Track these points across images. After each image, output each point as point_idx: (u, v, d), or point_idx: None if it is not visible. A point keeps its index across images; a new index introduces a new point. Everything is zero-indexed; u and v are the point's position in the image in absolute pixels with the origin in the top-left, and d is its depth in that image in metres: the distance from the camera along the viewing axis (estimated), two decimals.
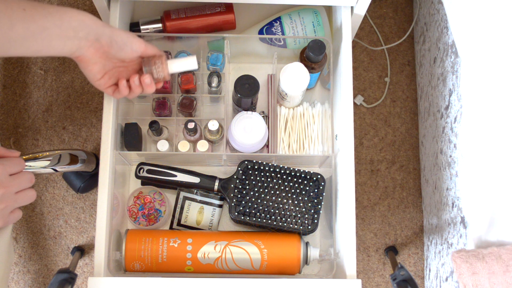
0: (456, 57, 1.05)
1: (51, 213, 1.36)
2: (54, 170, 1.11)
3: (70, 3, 1.44)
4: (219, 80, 1.04)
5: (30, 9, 0.77)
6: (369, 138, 1.42)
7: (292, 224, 0.98)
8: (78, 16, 0.81)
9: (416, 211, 1.39)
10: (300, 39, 1.11)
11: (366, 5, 1.01)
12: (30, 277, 1.34)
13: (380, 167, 1.40)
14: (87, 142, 1.38)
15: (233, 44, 1.09)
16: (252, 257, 0.98)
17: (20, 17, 0.76)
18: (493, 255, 0.86)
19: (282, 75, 1.03)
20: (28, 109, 1.40)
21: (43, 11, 0.78)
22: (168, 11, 1.11)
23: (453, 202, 1.09)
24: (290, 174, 1.00)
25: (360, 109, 1.42)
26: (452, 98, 1.09)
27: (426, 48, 1.30)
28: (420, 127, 1.39)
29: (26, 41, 0.78)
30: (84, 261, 1.34)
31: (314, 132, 1.08)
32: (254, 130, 1.01)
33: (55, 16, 0.79)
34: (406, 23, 1.47)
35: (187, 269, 0.99)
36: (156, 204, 1.07)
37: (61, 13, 0.79)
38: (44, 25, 0.78)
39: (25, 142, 1.38)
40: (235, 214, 0.98)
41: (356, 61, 1.44)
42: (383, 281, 1.36)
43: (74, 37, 0.81)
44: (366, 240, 1.37)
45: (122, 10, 1.03)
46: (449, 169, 1.11)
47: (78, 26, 0.81)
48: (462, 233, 1.04)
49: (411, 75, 1.44)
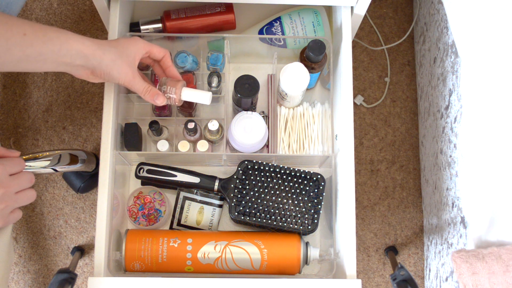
0: (456, 57, 1.05)
1: (51, 213, 1.36)
2: (54, 170, 1.11)
3: (70, 3, 1.44)
4: (219, 80, 1.04)
5: (31, 34, 0.76)
6: (369, 138, 1.42)
7: (292, 224, 0.98)
8: (77, 45, 0.81)
9: (416, 211, 1.39)
10: (300, 39, 1.11)
11: (366, 5, 1.01)
12: (30, 277, 1.34)
13: (380, 167, 1.40)
14: (87, 142, 1.38)
15: (233, 44, 1.09)
16: (252, 257, 0.98)
17: (19, 42, 0.75)
18: (493, 255, 0.86)
19: (282, 75, 1.03)
20: (28, 109, 1.40)
21: (44, 37, 0.78)
22: (168, 11, 1.11)
23: (453, 202, 1.09)
24: (290, 174, 1.00)
25: (360, 109, 1.42)
26: (452, 98, 1.09)
27: (426, 48, 1.30)
28: (420, 127, 1.39)
29: (20, 62, 0.78)
30: (84, 261, 1.34)
31: (314, 132, 1.08)
32: (254, 130, 1.01)
33: (55, 43, 0.79)
34: (406, 23, 1.47)
35: (187, 269, 0.99)
36: (156, 204, 1.07)
37: (62, 41, 0.79)
38: (41, 50, 0.78)
39: (25, 142, 1.38)
40: (235, 214, 0.98)
41: (356, 61, 1.44)
42: (383, 281, 1.36)
43: (70, 64, 0.82)
44: (366, 240, 1.37)
45: (122, 10, 1.03)
46: (449, 169, 1.11)
47: (75, 55, 0.81)
48: (462, 233, 1.04)
49: (411, 75, 1.44)
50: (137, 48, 0.89)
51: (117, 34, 1.00)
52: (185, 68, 1.04)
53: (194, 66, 1.05)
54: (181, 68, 1.04)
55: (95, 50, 0.83)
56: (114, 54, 0.85)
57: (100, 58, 0.83)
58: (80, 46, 0.81)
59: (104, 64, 0.84)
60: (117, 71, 0.86)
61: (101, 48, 0.83)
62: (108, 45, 0.85)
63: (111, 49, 0.85)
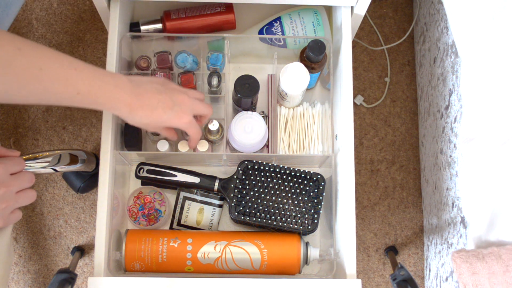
0: (456, 57, 1.05)
1: (51, 213, 1.36)
2: (54, 170, 1.11)
3: (70, 3, 1.44)
4: (219, 80, 1.04)
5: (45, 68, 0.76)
6: (369, 138, 1.42)
7: (292, 224, 0.98)
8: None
9: (416, 211, 1.39)
10: (300, 39, 1.11)
11: (366, 5, 1.01)
12: (30, 277, 1.34)
13: (380, 167, 1.40)
14: (87, 142, 1.38)
15: (233, 44, 1.09)
16: (252, 257, 0.98)
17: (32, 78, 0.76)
18: (493, 255, 0.86)
19: (282, 75, 1.03)
20: (28, 109, 1.40)
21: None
22: (168, 11, 1.11)
23: (453, 202, 1.09)
24: (290, 174, 1.00)
25: (360, 109, 1.42)
26: (452, 98, 1.09)
27: (426, 48, 1.30)
28: (420, 127, 1.39)
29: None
30: (84, 261, 1.34)
31: (314, 132, 1.08)
32: (254, 130, 1.01)
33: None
34: (406, 23, 1.47)
35: (187, 269, 0.99)
36: (156, 204, 1.07)
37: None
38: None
39: (25, 142, 1.38)
40: (235, 214, 0.98)
41: (356, 61, 1.44)
42: (383, 281, 1.36)
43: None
44: (366, 240, 1.37)
45: (122, 10, 1.03)
46: (449, 169, 1.11)
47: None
48: (462, 233, 1.04)
49: (411, 75, 1.45)
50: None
51: (117, 34, 1.00)
52: (185, 68, 1.04)
53: (194, 66, 1.05)
54: (181, 68, 1.04)
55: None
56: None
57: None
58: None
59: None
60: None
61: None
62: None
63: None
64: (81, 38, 1.42)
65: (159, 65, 1.04)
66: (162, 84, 0.89)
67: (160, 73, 1.03)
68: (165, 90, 0.88)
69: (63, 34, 1.43)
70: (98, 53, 1.42)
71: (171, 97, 0.88)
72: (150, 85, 0.87)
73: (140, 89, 0.85)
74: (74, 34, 1.43)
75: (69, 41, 1.42)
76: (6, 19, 0.93)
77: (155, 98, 0.86)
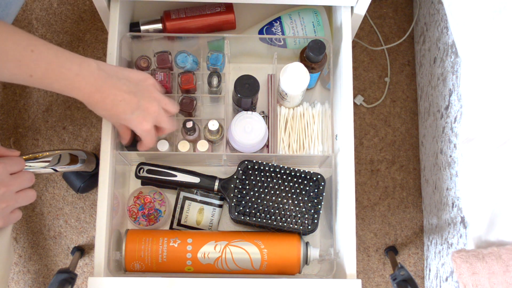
0: (456, 57, 1.05)
1: (51, 213, 1.36)
2: (54, 170, 1.11)
3: (70, 3, 1.44)
4: (219, 80, 1.04)
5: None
6: (369, 138, 1.42)
7: (292, 224, 0.98)
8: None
9: (416, 211, 1.39)
10: (300, 39, 1.11)
11: (366, 5, 1.01)
12: (30, 277, 1.34)
13: (380, 167, 1.40)
14: (87, 142, 1.38)
15: (233, 44, 1.09)
16: (252, 257, 0.98)
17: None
18: (493, 255, 0.86)
19: (282, 75, 1.03)
20: (28, 109, 1.40)
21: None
22: (168, 11, 1.11)
23: (453, 202, 1.09)
24: (290, 174, 1.00)
25: (360, 109, 1.42)
26: (452, 98, 1.09)
27: (426, 48, 1.30)
28: (420, 127, 1.39)
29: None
30: (84, 261, 1.34)
31: (314, 132, 1.08)
32: (254, 130, 1.01)
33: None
34: (406, 23, 1.47)
35: (187, 269, 0.99)
36: (156, 204, 1.07)
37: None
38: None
39: (25, 142, 1.38)
40: (235, 214, 0.98)
41: (356, 61, 1.44)
42: (383, 281, 1.36)
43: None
44: (366, 240, 1.37)
45: (122, 10, 1.03)
46: (449, 169, 1.11)
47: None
48: (462, 233, 1.04)
49: (411, 75, 1.45)
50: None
51: (117, 34, 1.00)
52: (185, 68, 1.04)
53: (194, 66, 1.05)
54: (181, 68, 1.04)
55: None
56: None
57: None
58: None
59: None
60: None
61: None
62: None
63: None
64: (81, 38, 1.42)
65: (159, 65, 1.04)
66: (137, 84, 0.87)
67: (160, 73, 1.03)
68: (136, 91, 0.85)
69: (63, 34, 1.43)
70: (98, 53, 1.42)
71: (139, 100, 0.86)
72: (122, 81, 0.84)
73: (107, 82, 0.82)
74: (74, 34, 1.43)
75: (69, 41, 1.42)
76: (6, 19, 0.93)
77: (120, 95, 0.83)
